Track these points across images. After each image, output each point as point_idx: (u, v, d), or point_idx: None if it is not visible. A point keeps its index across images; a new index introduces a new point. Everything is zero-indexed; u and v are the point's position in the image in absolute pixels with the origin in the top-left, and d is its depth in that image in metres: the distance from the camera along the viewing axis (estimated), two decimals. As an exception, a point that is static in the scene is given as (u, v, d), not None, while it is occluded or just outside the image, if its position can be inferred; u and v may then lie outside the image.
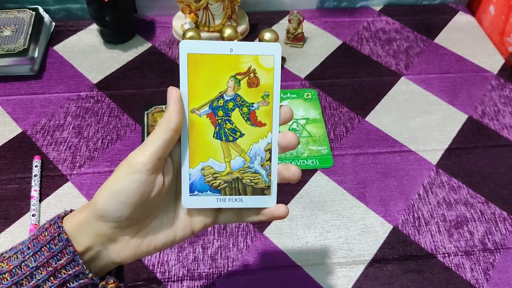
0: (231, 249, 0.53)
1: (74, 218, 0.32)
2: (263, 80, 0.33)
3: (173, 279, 0.50)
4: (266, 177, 0.35)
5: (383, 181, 0.60)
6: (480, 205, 0.58)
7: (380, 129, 0.66)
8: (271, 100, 0.34)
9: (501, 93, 0.73)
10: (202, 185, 0.34)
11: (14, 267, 0.30)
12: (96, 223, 0.32)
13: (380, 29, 0.83)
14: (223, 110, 0.34)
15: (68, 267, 0.31)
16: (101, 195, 0.31)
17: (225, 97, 0.34)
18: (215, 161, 0.34)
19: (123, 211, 0.31)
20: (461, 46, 0.80)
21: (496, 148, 0.65)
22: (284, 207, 0.35)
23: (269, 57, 0.33)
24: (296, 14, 0.75)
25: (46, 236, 0.31)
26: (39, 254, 0.30)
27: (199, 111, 0.33)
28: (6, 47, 0.69)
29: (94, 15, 0.72)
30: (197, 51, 0.33)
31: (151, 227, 0.34)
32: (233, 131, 0.34)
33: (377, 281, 0.51)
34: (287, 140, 0.34)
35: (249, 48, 0.33)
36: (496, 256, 0.53)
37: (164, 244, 0.35)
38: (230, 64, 0.33)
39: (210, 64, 0.33)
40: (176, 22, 0.79)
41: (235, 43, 0.33)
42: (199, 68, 0.33)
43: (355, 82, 0.73)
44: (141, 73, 0.73)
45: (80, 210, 0.33)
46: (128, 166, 0.31)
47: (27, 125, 0.65)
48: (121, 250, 0.33)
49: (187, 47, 0.33)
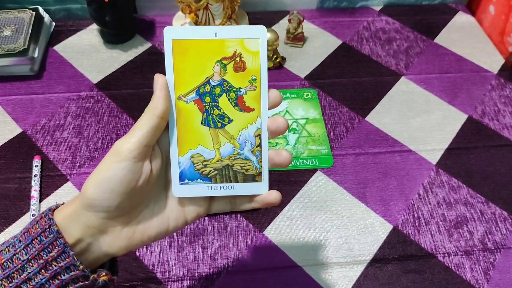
0: (231, 249, 0.53)
1: (64, 210, 0.32)
2: (249, 64, 0.33)
3: (173, 279, 0.50)
4: (256, 163, 0.34)
5: (383, 181, 0.60)
6: (480, 205, 0.58)
7: (380, 129, 0.66)
8: (259, 84, 0.33)
9: (501, 93, 0.73)
10: (192, 173, 0.34)
11: (6, 261, 0.30)
12: (86, 213, 0.31)
13: (380, 29, 0.83)
14: (210, 96, 0.33)
15: (59, 259, 0.30)
16: (89, 185, 0.31)
17: (211, 82, 0.33)
18: (204, 149, 0.33)
19: (111, 200, 0.31)
20: (461, 46, 0.80)
21: (496, 148, 0.65)
22: (276, 193, 0.35)
23: (255, 41, 0.32)
24: (296, 14, 0.75)
25: (37, 229, 0.31)
26: (30, 247, 0.30)
27: (186, 97, 0.33)
28: (6, 47, 0.69)
29: (94, 15, 0.72)
30: (181, 36, 0.32)
31: (142, 217, 0.34)
32: (221, 117, 0.33)
33: (377, 281, 0.51)
34: (276, 124, 0.33)
35: (234, 32, 0.32)
36: (496, 256, 0.53)
37: (157, 234, 0.34)
38: (215, 49, 0.32)
39: (195, 50, 0.32)
40: (176, 22, 0.79)
41: (220, 27, 0.32)
42: (184, 54, 0.32)
43: (355, 82, 0.73)
44: (141, 73, 0.73)
45: (71, 202, 0.33)
46: (114, 155, 0.31)
47: (27, 125, 0.65)
48: (113, 241, 0.33)
49: (171, 33, 0.32)
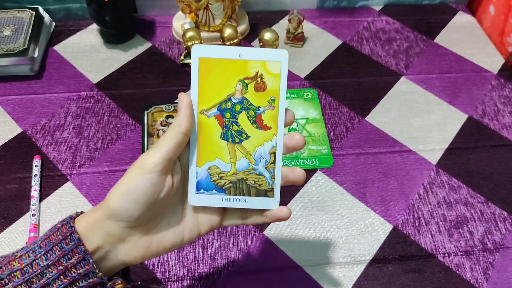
0: (231, 249, 0.53)
1: (86, 218, 0.33)
2: (269, 85, 0.34)
3: (173, 279, 0.50)
4: (270, 179, 0.36)
5: (383, 181, 0.60)
6: (480, 205, 0.58)
7: (380, 129, 0.66)
8: (277, 104, 0.35)
9: (501, 93, 0.73)
10: (208, 184, 0.35)
11: (26, 266, 0.31)
12: (108, 222, 0.33)
13: (380, 29, 0.83)
14: (230, 112, 0.35)
15: (78, 266, 0.32)
16: (113, 195, 0.32)
17: (232, 100, 0.35)
18: (221, 161, 0.35)
19: (134, 210, 0.32)
20: (461, 46, 0.80)
21: (496, 148, 0.65)
22: (286, 209, 0.36)
23: (276, 63, 0.34)
24: (296, 14, 0.75)
25: (58, 236, 0.32)
26: (50, 253, 0.31)
27: (207, 112, 0.35)
28: (6, 47, 0.69)
29: (94, 15, 0.72)
30: (208, 55, 0.34)
31: (160, 228, 0.35)
32: (240, 133, 0.35)
33: (377, 281, 0.51)
34: (294, 141, 0.35)
35: (257, 54, 0.34)
36: (495, 255, 0.53)
37: (172, 245, 0.36)
38: (239, 69, 0.34)
39: (219, 68, 0.34)
40: (176, 22, 0.79)
41: (244, 49, 0.34)
42: (209, 71, 0.34)
43: (355, 82, 0.73)
44: (141, 73, 0.73)
45: (93, 211, 0.34)
46: (140, 167, 0.32)
47: (27, 125, 0.65)
48: (131, 250, 0.34)
49: (199, 51, 0.34)
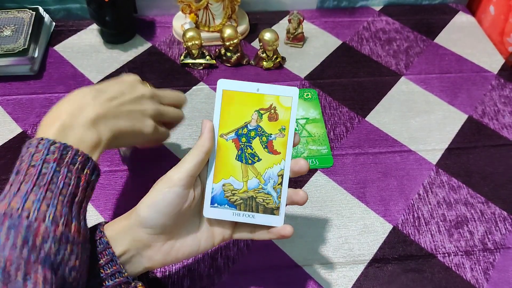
0: (231, 249, 0.53)
1: (116, 224, 0.39)
2: (281, 116, 0.40)
3: (173, 279, 0.50)
4: (276, 198, 0.40)
5: (383, 181, 0.60)
6: (480, 205, 0.58)
7: (380, 129, 0.66)
8: (287, 133, 0.40)
9: (501, 93, 0.73)
10: (221, 199, 0.40)
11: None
12: (136, 229, 0.38)
13: (380, 29, 0.83)
14: (246, 137, 0.40)
15: (106, 267, 0.36)
16: (143, 205, 0.38)
17: (248, 127, 0.40)
18: (235, 180, 0.40)
19: (160, 219, 0.37)
20: (461, 46, 0.80)
21: (496, 147, 0.65)
22: (290, 228, 0.40)
23: (288, 98, 0.40)
24: (296, 14, 0.75)
25: None
26: None
27: (226, 136, 0.40)
28: (6, 47, 0.69)
29: (94, 15, 0.72)
30: (230, 88, 0.40)
31: (180, 236, 0.40)
32: (253, 156, 0.40)
33: (377, 281, 0.51)
34: (298, 166, 0.40)
35: (272, 90, 0.40)
36: (496, 256, 0.53)
37: (190, 252, 0.40)
38: (256, 101, 0.40)
39: (239, 99, 0.40)
40: (176, 22, 0.79)
41: (262, 85, 0.40)
42: (231, 101, 0.40)
43: (355, 82, 0.73)
44: (141, 73, 0.72)
45: (122, 218, 0.39)
46: (166, 182, 0.37)
47: (27, 125, 0.65)
48: (153, 255, 0.39)
49: (223, 85, 0.40)
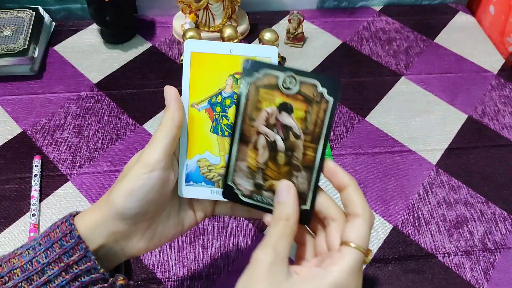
0: (231, 249, 0.53)
1: (89, 217, 0.33)
2: None
3: (173, 279, 0.50)
4: None
5: (383, 181, 0.60)
6: (480, 205, 0.58)
7: (380, 129, 0.66)
8: None
9: (501, 93, 0.73)
10: (197, 176, 0.36)
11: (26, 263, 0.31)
12: (113, 221, 0.33)
13: (380, 29, 0.83)
14: (220, 106, 0.35)
15: (80, 263, 0.32)
16: (118, 195, 0.32)
17: (223, 94, 0.35)
18: (210, 154, 0.36)
19: (141, 208, 0.33)
20: (461, 46, 0.80)
21: (496, 148, 0.65)
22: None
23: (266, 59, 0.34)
24: (296, 14, 0.75)
25: (57, 233, 0.32)
26: (50, 251, 0.31)
27: (198, 105, 0.35)
28: (6, 47, 0.69)
29: (94, 15, 0.72)
30: (200, 50, 0.34)
31: (161, 220, 0.36)
32: (229, 127, 0.35)
33: (377, 281, 0.51)
34: None
35: (248, 50, 0.34)
36: (496, 256, 0.53)
37: (174, 234, 0.37)
38: (230, 64, 0.34)
39: (211, 63, 0.35)
40: (176, 22, 0.79)
41: (235, 45, 0.34)
42: (201, 65, 0.35)
43: (355, 82, 0.73)
44: (141, 73, 0.73)
45: (95, 209, 0.34)
46: (144, 166, 0.32)
47: (27, 125, 0.65)
48: (135, 244, 0.35)
49: (191, 46, 0.34)
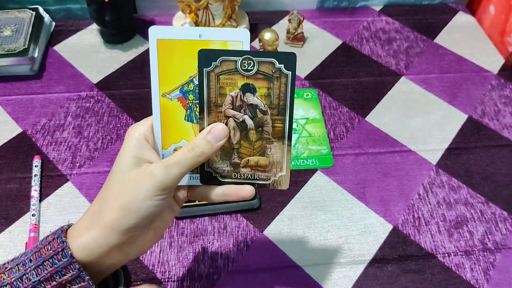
0: (231, 249, 0.53)
1: (82, 239, 0.32)
2: None
3: (173, 279, 0.50)
4: None
5: (383, 181, 0.60)
6: (480, 205, 0.58)
7: (380, 129, 0.66)
8: None
9: (501, 93, 0.73)
10: None
11: (16, 280, 0.30)
12: (107, 238, 0.32)
13: (380, 29, 0.83)
14: (193, 94, 0.34)
15: (74, 282, 0.31)
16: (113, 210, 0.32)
17: (195, 81, 0.34)
18: (186, 142, 0.35)
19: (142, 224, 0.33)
20: (461, 46, 0.80)
21: (496, 148, 0.65)
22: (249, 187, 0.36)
23: (238, 43, 0.33)
24: (296, 14, 0.75)
25: (49, 250, 0.31)
26: (41, 268, 0.31)
27: (170, 95, 0.34)
28: (6, 47, 0.69)
29: (94, 15, 0.72)
30: (166, 36, 0.33)
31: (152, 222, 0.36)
32: None
33: (377, 281, 0.51)
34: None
35: (218, 34, 0.33)
36: (496, 256, 0.53)
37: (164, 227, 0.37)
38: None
39: (179, 50, 0.33)
40: (176, 22, 0.79)
41: (204, 29, 0.33)
42: (169, 53, 0.33)
43: (355, 82, 0.73)
44: (141, 73, 0.73)
45: (87, 227, 0.33)
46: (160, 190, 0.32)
47: (27, 125, 0.65)
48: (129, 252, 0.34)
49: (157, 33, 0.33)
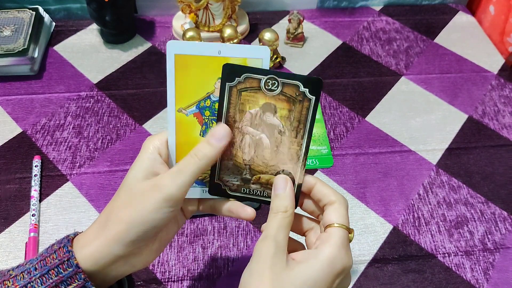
0: (231, 249, 0.53)
1: (87, 249, 0.32)
2: None
3: (173, 279, 0.50)
4: None
5: (383, 181, 0.60)
6: (480, 205, 0.58)
7: (380, 129, 0.66)
8: None
9: (501, 93, 0.73)
10: None
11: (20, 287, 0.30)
12: (114, 248, 0.32)
13: (380, 29, 0.83)
14: (210, 110, 0.34)
15: None
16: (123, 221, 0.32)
17: (212, 98, 0.34)
18: None
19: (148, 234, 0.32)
20: (461, 46, 0.80)
21: (496, 148, 0.65)
22: (251, 210, 0.36)
23: (258, 60, 0.32)
24: (296, 14, 0.75)
25: (54, 259, 0.31)
26: (46, 277, 0.30)
27: (186, 110, 0.34)
28: (6, 47, 0.69)
29: (94, 15, 0.72)
30: (184, 52, 0.32)
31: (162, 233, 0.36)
32: None
33: (377, 281, 0.51)
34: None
35: (237, 51, 0.32)
36: (495, 256, 0.53)
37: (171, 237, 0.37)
38: (218, 66, 0.32)
39: (197, 65, 0.32)
40: (176, 22, 0.79)
41: (224, 45, 0.33)
42: (187, 69, 0.33)
43: (355, 82, 0.73)
44: (141, 73, 0.73)
45: (94, 236, 0.32)
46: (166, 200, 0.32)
47: (27, 125, 0.65)
48: (135, 263, 0.34)
49: (175, 48, 0.32)
